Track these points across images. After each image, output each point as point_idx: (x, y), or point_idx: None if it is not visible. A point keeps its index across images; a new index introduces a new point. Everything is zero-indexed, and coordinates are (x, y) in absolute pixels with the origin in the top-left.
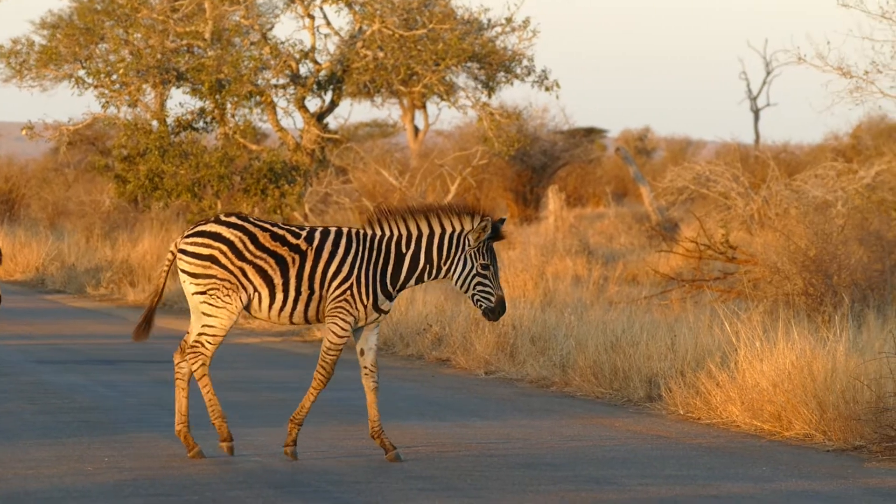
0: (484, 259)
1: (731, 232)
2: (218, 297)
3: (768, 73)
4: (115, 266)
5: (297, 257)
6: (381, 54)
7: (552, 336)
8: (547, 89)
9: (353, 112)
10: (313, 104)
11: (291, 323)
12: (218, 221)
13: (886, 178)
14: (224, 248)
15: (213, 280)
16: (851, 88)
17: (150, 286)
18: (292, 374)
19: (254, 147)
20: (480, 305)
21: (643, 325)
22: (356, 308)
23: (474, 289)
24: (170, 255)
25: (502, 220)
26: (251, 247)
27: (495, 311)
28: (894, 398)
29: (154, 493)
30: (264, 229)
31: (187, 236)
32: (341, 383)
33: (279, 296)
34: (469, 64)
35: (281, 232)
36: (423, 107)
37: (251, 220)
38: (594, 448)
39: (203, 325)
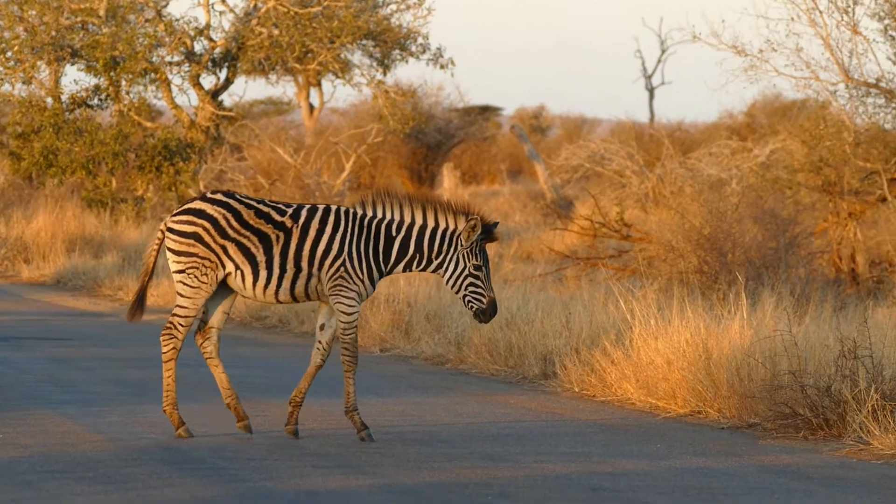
0: (476, 260)
1: (626, 210)
2: (195, 277)
3: (663, 52)
4: (9, 243)
5: (281, 235)
6: (275, 31)
7: (447, 313)
8: (442, 67)
9: (247, 89)
10: (208, 81)
11: (278, 301)
12: (204, 199)
13: (781, 156)
14: (207, 225)
15: (194, 259)
16: (746, 67)
17: (46, 264)
18: (189, 352)
19: (148, 124)
20: (471, 307)
21: (538, 302)
22: (354, 283)
23: (466, 289)
24: (159, 234)
25: (495, 224)
26: (235, 224)
27: (486, 313)
28: (788, 376)
29: (49, 470)
30: (249, 206)
31: (174, 214)
32: (233, 360)
33: (262, 273)
34: (364, 41)
35: (266, 209)
36: (319, 84)
37: (238, 197)
38: (489, 425)
39: (176, 307)
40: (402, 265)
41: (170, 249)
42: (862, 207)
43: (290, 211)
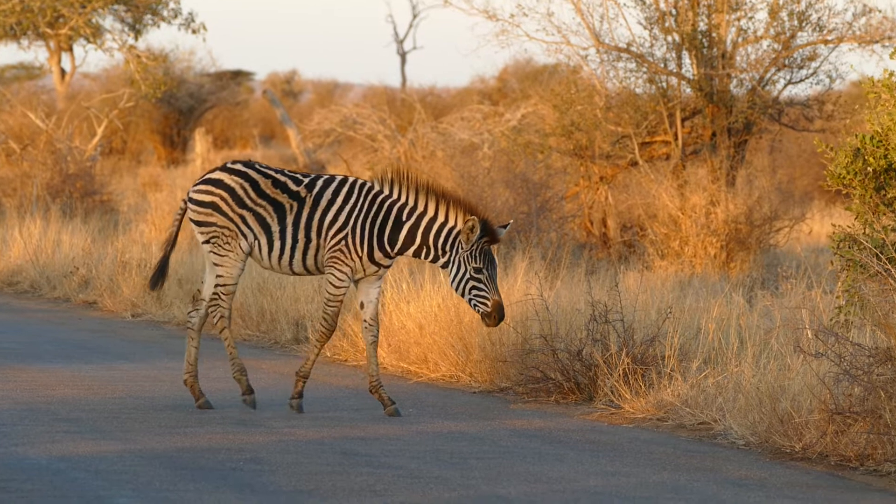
0: (476, 262)
1: None
2: (220, 246)
3: (415, 17)
4: None
5: (295, 204)
6: None
7: (199, 279)
8: (194, 32)
9: None
10: None
11: (293, 272)
12: (223, 168)
13: (532, 120)
14: (225, 195)
15: (214, 228)
16: (497, 32)
17: None
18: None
19: None
20: (478, 310)
21: None
22: (351, 258)
23: (469, 293)
24: (182, 204)
25: (505, 225)
26: (252, 194)
27: (491, 317)
28: (539, 340)
29: None
30: (267, 176)
31: (195, 184)
32: None
33: (277, 243)
34: (116, 6)
35: (283, 179)
36: (70, 49)
37: (257, 166)
38: None
39: (216, 277)
40: (410, 252)
41: (192, 220)
42: (613, 171)
43: (306, 181)
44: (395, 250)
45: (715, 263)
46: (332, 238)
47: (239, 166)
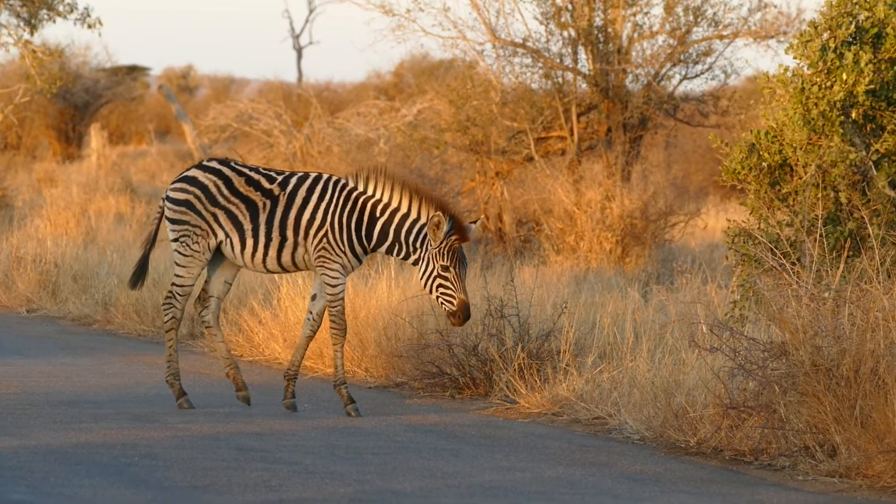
0: (444, 260)
1: None
2: (187, 245)
3: (311, 12)
4: None
5: (268, 202)
6: None
7: (94, 274)
8: (90, 27)
9: None
10: None
11: (266, 270)
12: (199, 166)
13: (428, 115)
14: (199, 192)
15: (186, 227)
16: (394, 27)
17: None
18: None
19: None
20: (444, 307)
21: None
22: (338, 254)
23: (436, 290)
24: (161, 203)
25: (474, 222)
26: (225, 191)
27: (457, 316)
28: (435, 335)
29: None
30: (241, 174)
31: (172, 182)
32: None
33: (249, 241)
34: (11, 1)
35: (257, 177)
36: None
37: (232, 164)
38: (137, 386)
39: (174, 276)
40: (384, 248)
41: (167, 217)
42: (509, 167)
43: (280, 178)
44: (371, 246)
45: (610, 258)
46: (314, 237)
47: (214, 164)
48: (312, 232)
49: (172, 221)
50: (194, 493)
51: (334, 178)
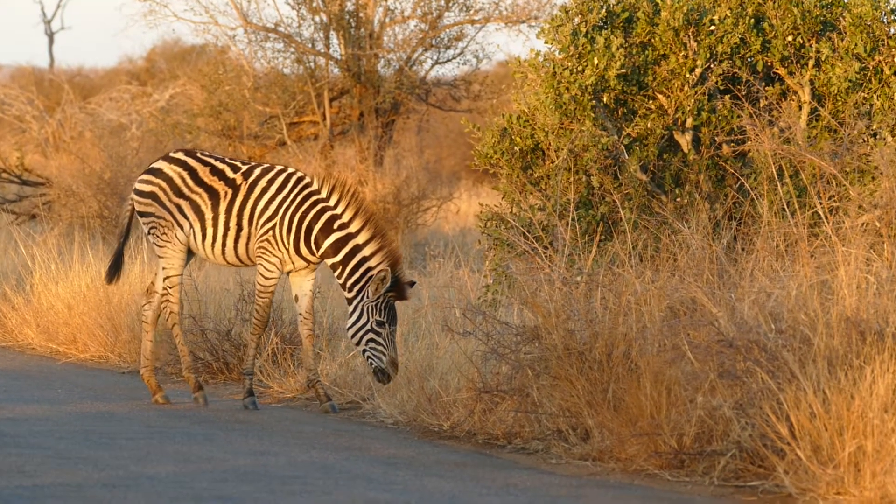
0: (380, 316)
1: (27, 155)
2: (158, 237)
3: None
4: None
5: (229, 191)
6: None
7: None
8: None
9: None
10: None
11: (226, 262)
12: (165, 157)
13: (181, 100)
14: (163, 184)
15: (153, 219)
16: (146, 12)
17: None
18: None
19: None
20: (371, 363)
21: None
22: (278, 249)
23: (366, 344)
24: (132, 196)
25: (412, 283)
26: (190, 182)
27: (385, 373)
28: (188, 319)
29: None
30: (206, 164)
31: (141, 175)
32: None
33: (209, 230)
34: None
35: (222, 166)
36: None
37: (198, 154)
38: None
39: (162, 270)
40: (329, 262)
41: (136, 211)
42: (261, 152)
43: (244, 168)
44: (319, 254)
45: None
46: (261, 227)
47: (180, 155)
48: (261, 222)
49: (141, 214)
50: None
51: (298, 175)
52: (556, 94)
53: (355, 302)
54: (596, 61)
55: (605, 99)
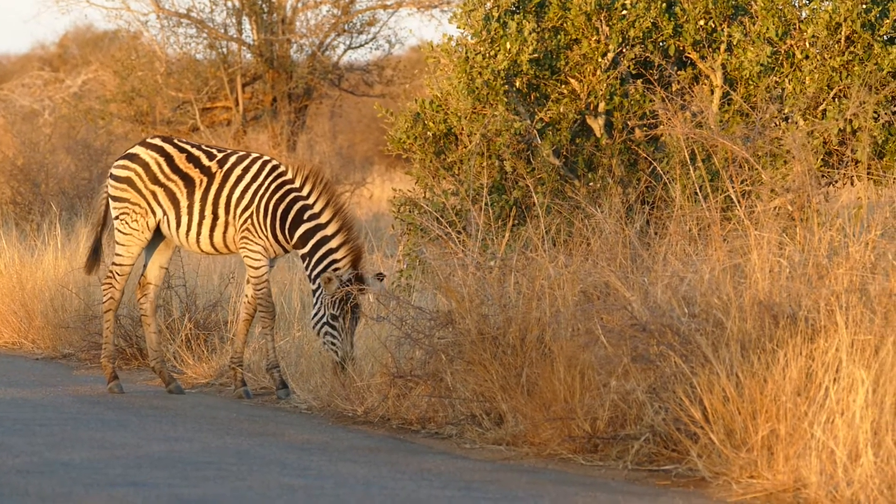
0: (335, 309)
1: None
2: (126, 223)
3: None
4: None
5: (205, 179)
6: None
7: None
8: None
9: None
10: None
11: (201, 250)
12: (142, 143)
13: (93, 86)
14: (139, 170)
15: (126, 204)
16: None
17: None
18: None
19: None
20: (328, 351)
21: None
22: (260, 237)
23: (323, 336)
24: (107, 181)
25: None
26: (166, 169)
27: (341, 367)
28: (101, 305)
29: None
30: (182, 150)
31: (116, 160)
32: None
33: (184, 218)
34: None
35: (198, 153)
36: None
37: (175, 140)
38: None
39: (114, 256)
40: (299, 253)
41: (109, 195)
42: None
43: (220, 156)
44: (293, 243)
45: None
46: (240, 216)
47: (157, 141)
48: (239, 212)
49: (114, 199)
50: None
51: (273, 163)
52: (469, 79)
53: (317, 294)
54: (508, 46)
55: (517, 84)
